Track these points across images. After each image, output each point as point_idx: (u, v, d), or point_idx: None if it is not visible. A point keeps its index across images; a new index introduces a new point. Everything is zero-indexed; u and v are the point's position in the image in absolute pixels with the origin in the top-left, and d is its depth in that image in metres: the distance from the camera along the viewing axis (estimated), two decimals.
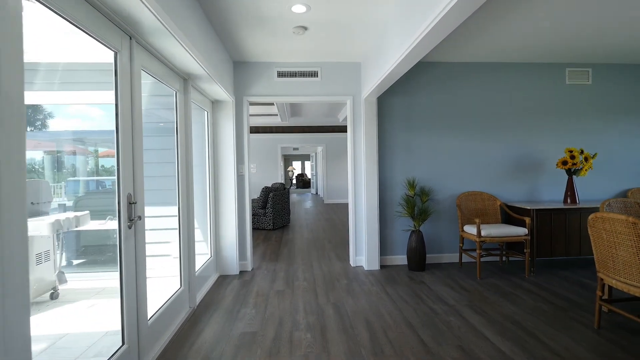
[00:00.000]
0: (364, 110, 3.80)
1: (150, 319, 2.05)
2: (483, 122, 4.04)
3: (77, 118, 2.55)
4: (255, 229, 6.56)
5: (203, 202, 3.56)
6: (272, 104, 6.83)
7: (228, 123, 3.70)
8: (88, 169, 2.66)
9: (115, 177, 1.75)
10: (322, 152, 12.04)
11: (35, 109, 2.26)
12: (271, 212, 6.37)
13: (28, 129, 2.22)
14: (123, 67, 1.77)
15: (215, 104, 3.69)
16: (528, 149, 4.10)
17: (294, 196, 15.24)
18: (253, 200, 8.14)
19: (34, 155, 2.34)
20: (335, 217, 8.25)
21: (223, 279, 3.56)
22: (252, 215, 6.54)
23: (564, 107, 4.12)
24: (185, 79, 2.73)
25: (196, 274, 2.95)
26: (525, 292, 3.04)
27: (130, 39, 1.85)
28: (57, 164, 2.47)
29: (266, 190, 6.50)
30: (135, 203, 1.84)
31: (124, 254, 1.76)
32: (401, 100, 3.96)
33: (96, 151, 2.63)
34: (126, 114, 1.78)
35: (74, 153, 2.56)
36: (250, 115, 8.78)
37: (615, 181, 4.19)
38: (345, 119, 8.90)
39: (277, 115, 8.28)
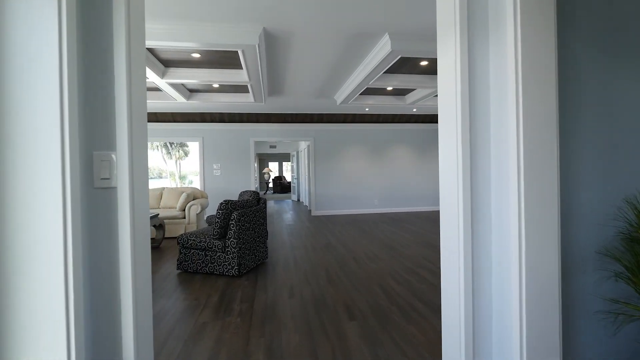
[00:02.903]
0: None
1: None
2: None
3: None
4: (207, 274, 3.78)
5: None
6: (239, 65, 4.07)
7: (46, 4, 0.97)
8: None
9: None
10: (307, 149, 9.41)
11: None
12: (235, 247, 3.62)
13: None
14: None
15: None
16: None
17: (270, 204, 12.44)
18: (208, 219, 5.36)
19: None
20: (335, 240, 5.62)
21: None
22: (203, 250, 3.77)
23: None
24: None
25: None
26: None
27: None
28: None
29: (227, 208, 3.74)
30: None
31: None
32: None
33: None
34: None
35: None
36: (209, 89, 5.98)
37: None
38: (345, 100, 6.28)
39: (248, 87, 5.55)
